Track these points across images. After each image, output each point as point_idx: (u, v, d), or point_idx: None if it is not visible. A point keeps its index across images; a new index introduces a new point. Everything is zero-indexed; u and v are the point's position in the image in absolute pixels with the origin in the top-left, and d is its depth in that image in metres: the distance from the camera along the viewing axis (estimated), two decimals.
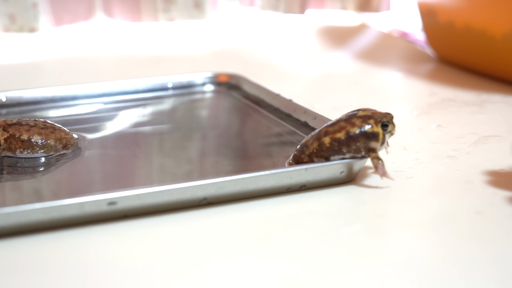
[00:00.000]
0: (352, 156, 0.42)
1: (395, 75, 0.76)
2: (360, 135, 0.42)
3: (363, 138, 0.42)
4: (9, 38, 0.87)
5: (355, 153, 0.42)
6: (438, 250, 0.36)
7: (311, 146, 0.43)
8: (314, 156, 0.43)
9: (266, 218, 0.40)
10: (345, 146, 0.42)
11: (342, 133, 0.42)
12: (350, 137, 0.42)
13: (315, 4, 0.99)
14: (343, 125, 0.43)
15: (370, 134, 0.42)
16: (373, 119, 0.42)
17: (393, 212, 0.41)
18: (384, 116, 0.43)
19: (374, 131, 0.42)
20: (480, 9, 0.67)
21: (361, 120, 0.42)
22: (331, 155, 0.42)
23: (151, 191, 0.39)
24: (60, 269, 0.35)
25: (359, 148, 0.42)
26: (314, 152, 0.43)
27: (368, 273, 0.34)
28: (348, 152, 0.42)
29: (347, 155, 0.42)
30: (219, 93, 0.66)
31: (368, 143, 0.42)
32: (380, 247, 0.37)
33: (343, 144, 0.42)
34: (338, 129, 0.43)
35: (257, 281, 0.33)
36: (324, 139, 0.43)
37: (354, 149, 0.42)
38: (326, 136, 0.43)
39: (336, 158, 0.42)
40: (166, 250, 0.36)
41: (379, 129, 0.42)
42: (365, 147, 0.42)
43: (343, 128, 0.42)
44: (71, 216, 0.38)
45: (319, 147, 0.43)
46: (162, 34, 0.93)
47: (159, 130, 0.56)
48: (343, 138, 0.42)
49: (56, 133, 0.48)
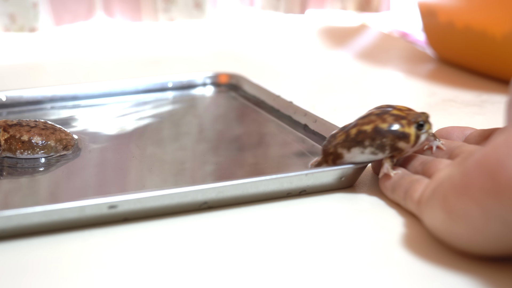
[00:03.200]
0: (372, 151, 0.41)
1: (395, 76, 0.76)
2: (389, 132, 0.41)
3: (392, 136, 0.41)
4: (9, 38, 0.87)
5: (378, 148, 0.41)
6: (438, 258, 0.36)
7: (339, 137, 0.43)
8: (339, 147, 0.42)
9: (266, 222, 0.40)
10: (369, 139, 0.41)
11: (370, 126, 0.41)
12: (377, 132, 0.41)
13: (315, 4, 0.99)
14: (373, 119, 0.42)
15: (400, 134, 0.41)
16: (406, 119, 0.41)
17: (393, 219, 0.41)
18: (419, 116, 0.41)
19: (405, 131, 0.41)
20: (480, 9, 0.67)
21: (393, 118, 0.41)
22: (353, 146, 0.42)
23: (151, 195, 0.39)
24: (61, 271, 0.35)
25: (384, 144, 0.41)
26: (339, 143, 0.42)
27: (366, 280, 0.34)
28: (370, 146, 0.41)
29: (367, 149, 0.41)
30: (219, 93, 0.66)
31: (397, 142, 0.41)
32: (379, 252, 0.37)
33: (368, 136, 0.41)
34: (367, 122, 0.42)
35: (257, 285, 0.33)
36: (351, 130, 0.42)
37: (377, 144, 0.41)
38: (354, 127, 0.42)
39: (357, 150, 0.42)
40: (166, 254, 0.36)
41: (411, 130, 0.41)
42: (392, 145, 0.41)
43: (372, 122, 0.41)
44: (72, 219, 0.38)
45: (345, 137, 0.42)
46: (162, 34, 0.93)
47: (159, 131, 0.56)
48: (370, 131, 0.41)
49: (56, 134, 0.48)
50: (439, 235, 0.36)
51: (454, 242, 0.35)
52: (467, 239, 0.34)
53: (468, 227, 0.33)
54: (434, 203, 0.36)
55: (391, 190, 0.42)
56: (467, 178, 0.33)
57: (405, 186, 0.41)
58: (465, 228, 0.34)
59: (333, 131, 0.44)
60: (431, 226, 0.37)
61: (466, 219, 0.33)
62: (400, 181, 0.41)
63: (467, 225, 0.33)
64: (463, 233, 0.34)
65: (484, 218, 0.32)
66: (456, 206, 0.33)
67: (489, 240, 0.33)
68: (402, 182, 0.41)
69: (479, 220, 0.32)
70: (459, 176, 0.34)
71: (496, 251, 0.34)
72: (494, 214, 0.32)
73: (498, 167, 0.31)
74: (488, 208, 0.32)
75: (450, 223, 0.34)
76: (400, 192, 0.41)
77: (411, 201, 0.40)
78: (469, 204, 0.33)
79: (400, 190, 0.41)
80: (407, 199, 0.40)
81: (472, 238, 0.34)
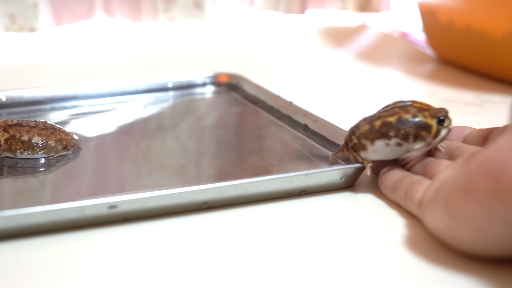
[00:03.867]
0: (397, 142, 0.41)
1: (395, 76, 0.76)
2: (413, 122, 0.41)
3: (415, 126, 0.41)
4: (9, 38, 0.87)
5: (402, 139, 0.41)
6: (438, 259, 0.36)
7: (362, 128, 0.43)
8: (362, 138, 0.42)
9: (266, 222, 0.40)
10: (394, 130, 0.41)
11: (394, 118, 0.42)
12: (401, 122, 0.41)
13: (315, 4, 0.99)
14: (397, 111, 0.42)
15: (423, 124, 0.41)
16: (428, 112, 0.42)
17: (393, 219, 0.41)
18: (439, 112, 0.42)
19: (427, 122, 0.41)
20: (480, 9, 0.67)
21: (416, 110, 0.42)
22: (378, 138, 0.42)
23: (151, 195, 0.39)
24: (61, 271, 0.35)
25: (408, 134, 0.41)
26: (363, 134, 0.43)
27: (366, 280, 0.34)
28: (396, 136, 0.41)
29: (392, 140, 0.42)
30: (219, 93, 0.66)
31: (419, 132, 0.41)
32: (379, 252, 0.37)
33: (393, 127, 0.41)
34: (391, 114, 0.42)
35: (257, 285, 0.33)
36: (375, 122, 0.42)
37: (402, 134, 0.41)
38: (378, 119, 0.42)
39: (381, 142, 0.42)
40: (166, 254, 0.36)
41: (433, 122, 0.42)
42: (415, 134, 0.41)
43: (396, 114, 0.42)
44: (72, 219, 0.38)
45: (370, 129, 0.42)
46: (162, 34, 0.93)
47: (159, 130, 0.56)
48: (394, 121, 0.42)
49: (56, 134, 0.48)
50: (442, 236, 0.36)
51: (457, 244, 0.35)
52: (470, 241, 0.34)
53: (472, 229, 0.33)
54: (437, 205, 0.36)
55: (391, 190, 0.42)
56: (470, 180, 0.33)
57: (406, 186, 0.41)
58: (468, 230, 0.33)
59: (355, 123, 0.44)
60: (433, 228, 0.37)
61: (469, 221, 0.33)
62: (400, 182, 0.41)
63: (470, 227, 0.33)
64: (466, 235, 0.34)
65: (488, 220, 0.32)
66: (460, 208, 0.33)
67: (492, 242, 0.33)
68: (402, 182, 0.41)
69: (483, 222, 0.32)
70: (462, 177, 0.34)
71: (500, 253, 0.34)
72: (498, 217, 0.32)
73: (502, 170, 0.31)
74: (492, 210, 0.32)
75: (453, 225, 0.34)
76: (401, 193, 0.41)
77: (411, 202, 0.40)
78: (473, 206, 0.33)
79: (400, 190, 0.41)
80: (407, 199, 0.40)
81: (475, 240, 0.34)
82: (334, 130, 0.50)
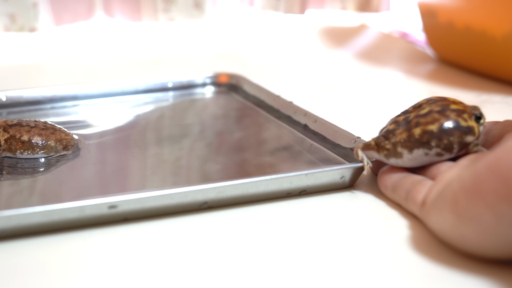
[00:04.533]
0: (438, 153, 0.40)
1: (395, 76, 0.76)
2: (455, 129, 0.40)
3: (459, 133, 0.40)
4: (9, 38, 0.87)
5: (444, 149, 0.40)
6: (439, 259, 0.36)
7: (399, 136, 0.41)
8: (399, 146, 0.41)
9: (266, 222, 0.40)
10: (436, 140, 0.40)
11: (435, 126, 0.40)
12: (443, 131, 0.40)
13: (315, 4, 0.99)
14: (436, 117, 0.40)
15: (466, 128, 0.40)
16: (467, 113, 0.40)
17: (393, 219, 0.41)
18: (475, 109, 0.41)
19: (469, 125, 0.40)
20: (480, 9, 0.67)
21: (455, 114, 0.40)
22: (417, 147, 0.40)
23: (151, 195, 0.39)
24: (61, 271, 0.35)
25: (452, 143, 0.40)
26: (400, 142, 0.41)
27: (366, 280, 0.34)
28: (437, 146, 0.40)
29: (433, 151, 0.40)
30: (219, 93, 0.66)
31: (464, 137, 0.40)
32: (379, 252, 0.37)
33: (434, 137, 0.40)
34: (431, 120, 0.40)
35: (257, 286, 0.33)
36: (414, 130, 0.40)
37: (445, 144, 0.40)
38: (417, 127, 0.40)
39: (420, 151, 0.40)
40: (166, 254, 0.36)
41: (474, 123, 0.40)
42: (460, 142, 0.40)
43: (436, 120, 0.40)
44: (72, 219, 0.38)
45: (408, 137, 0.40)
46: (162, 34, 0.93)
47: (159, 131, 0.56)
48: (436, 130, 0.40)
49: (56, 134, 0.48)
50: (447, 238, 0.36)
51: (463, 246, 0.35)
52: (477, 243, 0.34)
53: (479, 231, 0.33)
54: (443, 206, 0.35)
55: (392, 190, 0.42)
56: (478, 181, 0.33)
57: (407, 186, 0.40)
58: (475, 231, 0.33)
59: (386, 125, 0.43)
60: (438, 229, 0.36)
61: (477, 223, 0.33)
62: (401, 181, 0.41)
63: (478, 228, 0.33)
64: (474, 236, 0.34)
65: (496, 222, 0.32)
66: (467, 209, 0.33)
67: (500, 244, 0.33)
68: (403, 182, 0.41)
69: (491, 224, 0.32)
70: (470, 178, 0.33)
71: (507, 254, 0.34)
72: (507, 218, 0.31)
73: (511, 172, 0.31)
74: (501, 212, 0.31)
75: (460, 226, 0.34)
76: (402, 193, 0.41)
77: (413, 203, 0.39)
78: (481, 207, 0.32)
79: (401, 190, 0.41)
80: (409, 200, 0.40)
81: (482, 242, 0.33)
82: (334, 130, 0.50)
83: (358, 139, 0.47)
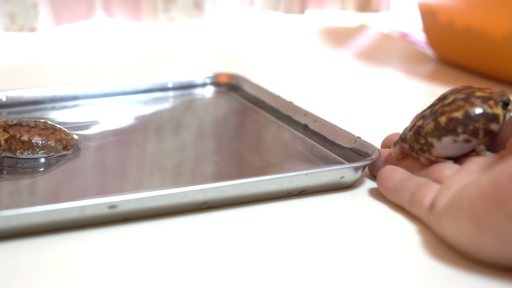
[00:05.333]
0: (465, 139, 0.40)
1: (395, 76, 0.76)
2: (480, 115, 0.39)
3: (484, 119, 0.39)
4: (9, 38, 0.87)
5: (471, 135, 0.39)
6: (440, 259, 0.36)
7: (427, 127, 0.41)
8: (429, 136, 0.41)
9: (266, 222, 0.40)
10: (462, 126, 0.39)
11: (460, 113, 0.40)
12: (469, 117, 0.39)
13: (315, 4, 0.99)
14: (461, 104, 0.40)
15: (491, 115, 0.39)
16: (492, 100, 0.40)
17: (394, 219, 0.41)
18: (503, 95, 0.40)
19: (495, 112, 0.39)
20: (480, 9, 0.67)
21: (480, 100, 0.40)
22: (444, 135, 0.40)
23: (151, 195, 0.39)
24: (61, 271, 0.35)
25: (477, 129, 0.39)
26: (429, 132, 0.41)
27: (366, 281, 0.34)
28: (464, 132, 0.39)
29: (460, 137, 0.40)
30: (219, 93, 0.66)
31: (488, 125, 0.39)
32: (379, 253, 0.37)
33: (460, 123, 0.39)
34: (456, 108, 0.40)
35: (257, 286, 0.33)
36: (440, 118, 0.40)
37: (471, 130, 0.39)
38: (442, 115, 0.40)
39: (448, 139, 0.40)
40: (166, 254, 0.36)
41: (500, 111, 0.40)
42: (485, 129, 0.39)
43: (461, 108, 0.40)
44: (72, 219, 0.38)
45: (435, 126, 0.40)
46: (162, 34, 0.93)
47: (159, 131, 0.56)
48: (461, 117, 0.39)
49: (56, 134, 0.48)
50: (462, 246, 0.35)
51: (479, 255, 0.34)
52: (495, 252, 0.33)
53: (498, 241, 0.32)
54: (458, 214, 0.34)
55: (394, 192, 0.41)
56: (498, 190, 0.32)
57: (411, 189, 0.40)
58: (494, 241, 0.33)
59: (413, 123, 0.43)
60: (451, 236, 0.35)
61: (496, 233, 0.32)
62: (404, 183, 0.40)
63: (497, 238, 0.32)
64: (492, 246, 0.33)
65: None
66: (487, 219, 0.32)
67: None
68: (406, 184, 0.40)
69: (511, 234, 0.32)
70: (489, 187, 0.32)
71: None
72: None
73: None
74: None
75: (478, 235, 0.33)
76: (405, 195, 0.40)
77: (419, 206, 0.39)
78: (501, 217, 0.32)
79: (405, 193, 0.40)
80: (414, 203, 0.39)
81: (501, 251, 0.33)
82: (334, 130, 0.50)
83: (358, 139, 0.47)
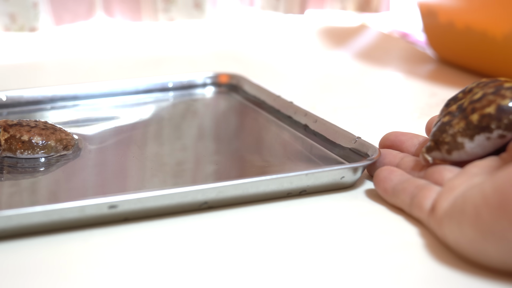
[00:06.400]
0: (500, 134, 0.37)
1: (395, 76, 0.76)
2: None
3: None
4: (9, 38, 0.87)
5: (505, 129, 0.37)
6: (440, 261, 0.36)
7: (457, 126, 0.39)
8: (459, 135, 0.39)
9: (266, 222, 0.40)
10: (495, 121, 0.37)
11: (492, 107, 0.37)
12: (502, 111, 0.37)
13: (315, 4, 0.99)
14: (491, 98, 0.38)
15: None
16: None
17: (394, 220, 0.41)
18: None
19: None
20: (481, 9, 0.67)
21: (511, 92, 0.38)
22: (477, 133, 0.38)
23: (152, 195, 0.39)
24: (61, 272, 0.35)
25: None
26: (459, 131, 0.39)
27: (367, 281, 0.34)
28: (498, 128, 0.37)
29: (494, 133, 0.37)
30: (220, 93, 0.66)
31: None
32: (379, 253, 0.37)
33: (493, 119, 0.37)
34: (487, 103, 0.38)
35: (257, 286, 0.33)
36: (472, 116, 0.38)
37: (505, 124, 0.37)
38: (474, 113, 0.38)
39: (482, 137, 0.38)
40: (166, 254, 0.36)
41: None
42: None
43: (492, 102, 0.38)
44: (72, 219, 0.38)
45: (466, 125, 0.38)
46: (162, 34, 0.93)
47: (159, 131, 0.56)
48: (494, 112, 0.37)
49: (56, 134, 0.48)
50: (464, 250, 0.34)
51: (482, 260, 0.34)
52: (498, 258, 0.33)
53: (502, 247, 0.32)
54: (461, 218, 0.34)
55: (392, 194, 0.41)
56: (503, 196, 0.31)
57: (411, 191, 0.39)
58: (498, 247, 0.32)
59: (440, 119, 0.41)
60: (453, 241, 0.35)
61: (501, 239, 0.32)
62: (403, 185, 0.40)
63: (500, 245, 0.32)
64: (495, 252, 0.33)
65: None
66: (491, 225, 0.32)
67: None
68: (406, 186, 0.40)
69: None
70: (493, 193, 0.32)
71: None
72: None
73: None
74: None
75: (482, 241, 0.33)
76: (405, 198, 0.39)
77: (419, 209, 0.38)
78: (506, 224, 0.31)
79: (405, 195, 0.40)
80: (414, 205, 0.39)
81: (504, 257, 0.32)
82: (334, 130, 0.50)
83: (358, 139, 0.47)
